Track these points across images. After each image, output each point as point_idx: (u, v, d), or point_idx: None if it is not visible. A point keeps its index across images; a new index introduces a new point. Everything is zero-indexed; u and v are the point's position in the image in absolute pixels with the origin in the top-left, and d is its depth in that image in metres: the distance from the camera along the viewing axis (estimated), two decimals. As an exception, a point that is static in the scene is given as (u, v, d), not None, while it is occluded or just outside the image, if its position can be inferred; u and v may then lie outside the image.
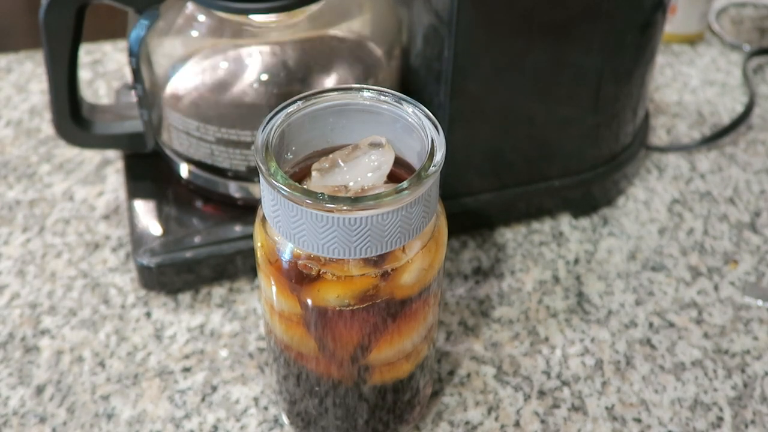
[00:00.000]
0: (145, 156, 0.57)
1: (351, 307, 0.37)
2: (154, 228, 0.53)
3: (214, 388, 0.49)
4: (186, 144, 0.53)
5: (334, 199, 0.34)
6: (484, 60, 0.49)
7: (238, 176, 0.53)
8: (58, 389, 0.49)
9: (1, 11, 1.41)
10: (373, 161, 0.38)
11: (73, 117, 0.53)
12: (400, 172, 0.39)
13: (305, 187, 0.36)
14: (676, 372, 0.50)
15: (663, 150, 0.66)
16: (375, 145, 0.38)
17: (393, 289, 0.37)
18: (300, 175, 0.39)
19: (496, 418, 0.47)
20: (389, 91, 0.39)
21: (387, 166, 0.38)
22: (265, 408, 0.48)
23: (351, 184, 0.38)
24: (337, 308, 0.37)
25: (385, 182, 0.38)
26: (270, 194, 0.35)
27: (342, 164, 0.38)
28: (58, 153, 0.65)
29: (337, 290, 0.37)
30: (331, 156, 0.38)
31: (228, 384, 0.49)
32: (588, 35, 0.50)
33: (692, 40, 0.79)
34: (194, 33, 0.51)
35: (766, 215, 0.61)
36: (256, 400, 0.48)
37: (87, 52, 0.75)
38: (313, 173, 0.38)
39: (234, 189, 0.54)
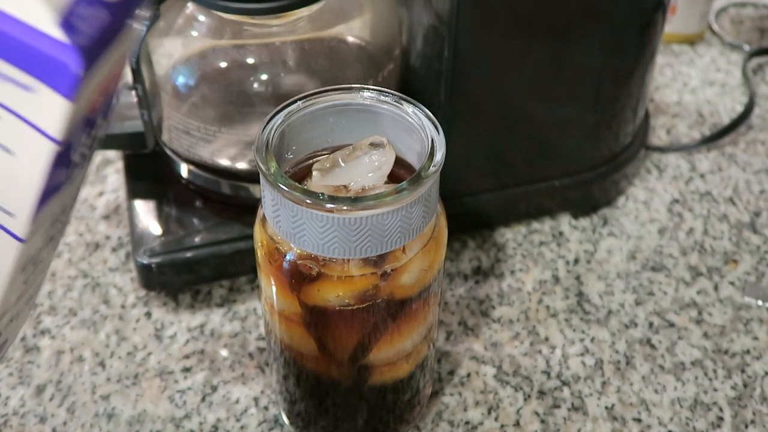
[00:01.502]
0: (145, 156, 0.57)
1: (351, 307, 0.37)
2: (154, 228, 0.53)
3: (214, 388, 0.49)
4: (186, 144, 0.53)
5: (334, 199, 0.34)
6: (484, 60, 0.49)
7: (238, 176, 0.53)
8: (58, 389, 0.49)
9: (1, 11, 1.41)
10: (374, 161, 0.38)
11: (73, 117, 0.53)
12: (400, 172, 0.39)
13: (305, 187, 0.36)
14: (676, 372, 0.50)
15: (663, 150, 0.66)
16: (376, 145, 0.38)
17: (393, 289, 0.37)
18: (300, 175, 0.39)
19: (496, 418, 0.47)
20: (389, 91, 0.39)
21: (387, 167, 0.38)
22: (265, 408, 0.48)
23: (351, 184, 0.38)
24: (337, 308, 0.37)
25: (386, 182, 0.38)
26: (270, 194, 0.35)
27: (342, 164, 0.38)
28: (58, 153, 0.65)
29: (337, 290, 0.37)
30: (331, 156, 0.38)
31: (228, 384, 0.49)
32: (588, 35, 0.50)
33: (692, 40, 0.79)
34: (194, 33, 0.51)
35: (766, 215, 0.61)
36: (256, 400, 0.48)
37: (87, 52, 0.75)
38: (314, 173, 0.38)
39: (234, 189, 0.54)
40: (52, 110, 0.25)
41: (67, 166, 0.26)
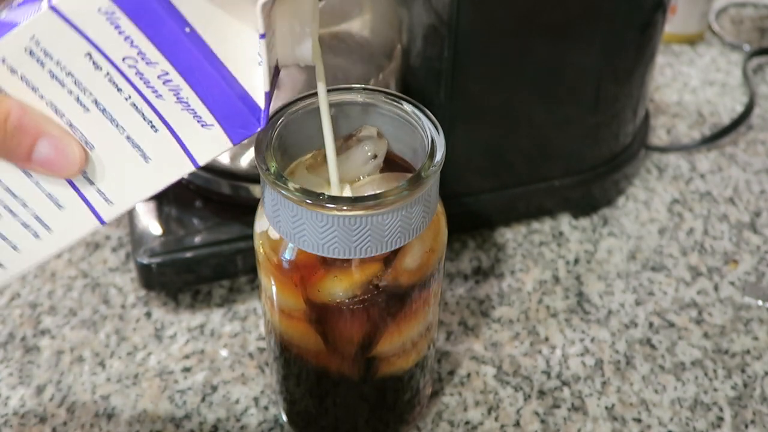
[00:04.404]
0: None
1: (356, 298, 0.37)
2: (154, 228, 0.53)
3: (214, 388, 0.49)
4: (186, 144, 0.53)
5: (334, 199, 0.34)
6: (484, 60, 0.49)
7: (238, 176, 0.53)
8: (58, 389, 0.49)
9: (1, 11, 1.41)
10: (366, 151, 0.38)
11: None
12: (400, 172, 0.39)
13: (293, 181, 0.35)
14: (676, 372, 0.50)
15: (663, 150, 0.66)
16: (367, 136, 0.38)
17: (396, 276, 0.37)
18: (300, 175, 0.39)
19: (496, 418, 0.47)
20: (389, 91, 0.39)
21: (381, 155, 0.38)
22: (265, 408, 0.48)
23: (345, 175, 0.37)
24: (342, 300, 0.37)
25: (381, 171, 0.38)
26: (270, 194, 0.35)
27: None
28: (58, 153, 0.65)
29: (340, 283, 0.37)
30: (322, 150, 0.38)
31: (228, 384, 0.49)
32: (588, 35, 0.50)
33: (692, 40, 0.79)
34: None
35: (766, 215, 0.61)
36: (256, 400, 0.48)
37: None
38: (305, 168, 0.38)
39: (234, 189, 0.54)
40: (213, 147, 0.32)
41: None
